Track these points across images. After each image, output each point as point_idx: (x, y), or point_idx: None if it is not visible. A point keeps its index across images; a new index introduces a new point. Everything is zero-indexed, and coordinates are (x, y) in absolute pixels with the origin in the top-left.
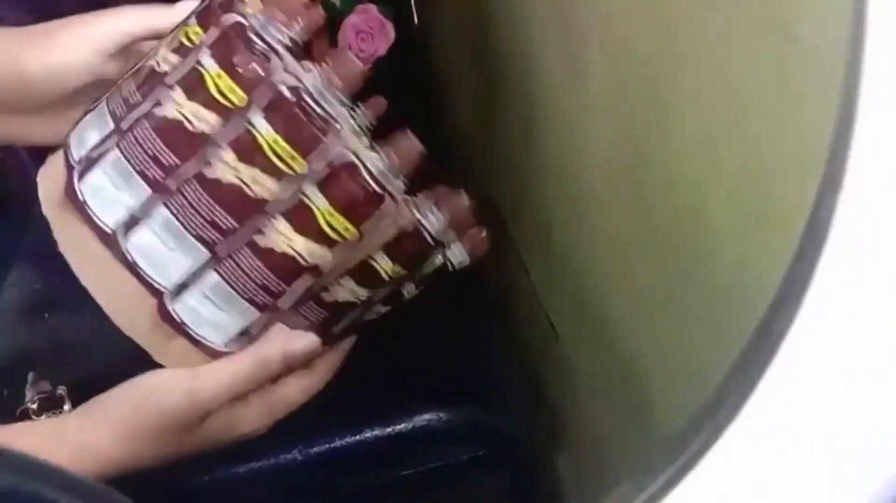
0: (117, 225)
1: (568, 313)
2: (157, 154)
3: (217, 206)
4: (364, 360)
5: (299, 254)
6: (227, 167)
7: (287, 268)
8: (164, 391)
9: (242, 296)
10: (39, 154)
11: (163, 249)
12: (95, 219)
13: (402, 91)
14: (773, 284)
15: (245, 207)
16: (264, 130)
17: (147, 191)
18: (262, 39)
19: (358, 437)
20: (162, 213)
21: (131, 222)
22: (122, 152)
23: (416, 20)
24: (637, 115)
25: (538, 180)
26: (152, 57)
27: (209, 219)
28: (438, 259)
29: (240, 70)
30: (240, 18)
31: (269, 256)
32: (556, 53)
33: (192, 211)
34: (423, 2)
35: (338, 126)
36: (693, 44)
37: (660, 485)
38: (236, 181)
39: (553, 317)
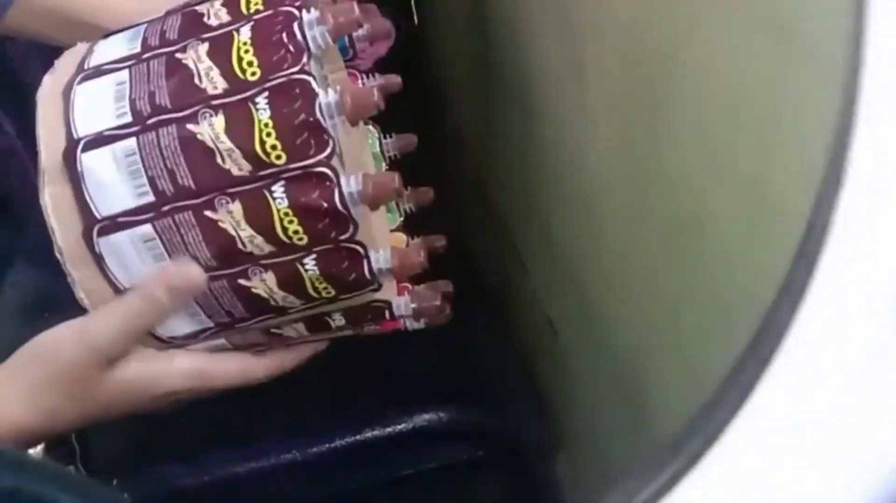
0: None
1: (568, 313)
2: (156, 91)
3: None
4: (364, 361)
5: (241, 241)
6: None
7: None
8: (59, 343)
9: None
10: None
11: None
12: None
13: (403, 91)
14: (773, 284)
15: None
16: (264, 116)
17: (135, 128)
18: (304, 37)
19: (358, 437)
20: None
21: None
22: (129, 77)
23: (416, 20)
24: (637, 115)
25: (538, 180)
26: (206, 5)
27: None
28: (368, 296)
29: (268, 53)
30: (294, 11)
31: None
32: (556, 53)
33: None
34: (423, 2)
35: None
36: (693, 43)
37: (660, 485)
38: (211, 145)
39: (553, 316)
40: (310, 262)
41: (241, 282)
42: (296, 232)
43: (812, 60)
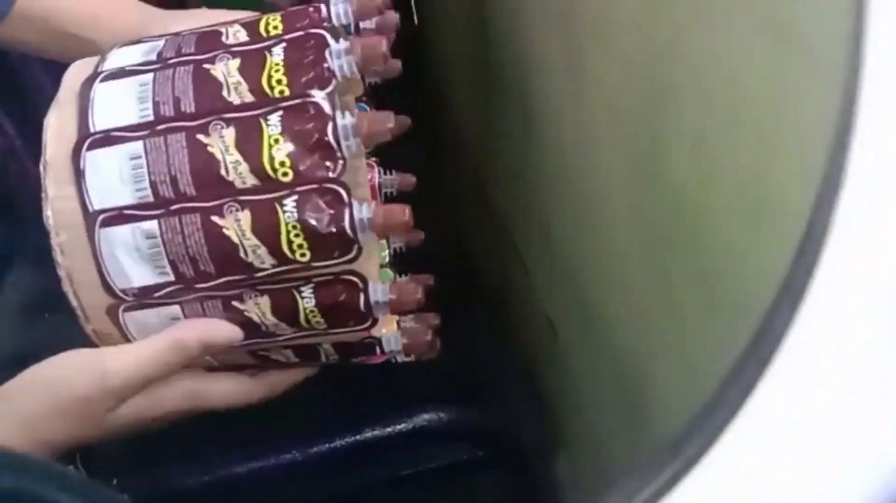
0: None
1: (568, 313)
2: (181, 97)
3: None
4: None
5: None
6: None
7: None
8: (72, 377)
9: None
10: (39, 156)
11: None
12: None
13: (403, 91)
14: (773, 284)
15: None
16: (274, 131)
17: (146, 131)
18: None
19: (358, 437)
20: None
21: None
22: (153, 82)
23: (416, 20)
24: (637, 115)
25: (538, 180)
26: (223, 26)
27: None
28: (361, 334)
29: (299, 74)
30: (326, 34)
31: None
32: (556, 53)
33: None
34: (423, 2)
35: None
36: (693, 43)
37: (660, 485)
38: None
39: (553, 316)
40: (307, 291)
41: (235, 304)
42: (300, 246)
43: (812, 60)
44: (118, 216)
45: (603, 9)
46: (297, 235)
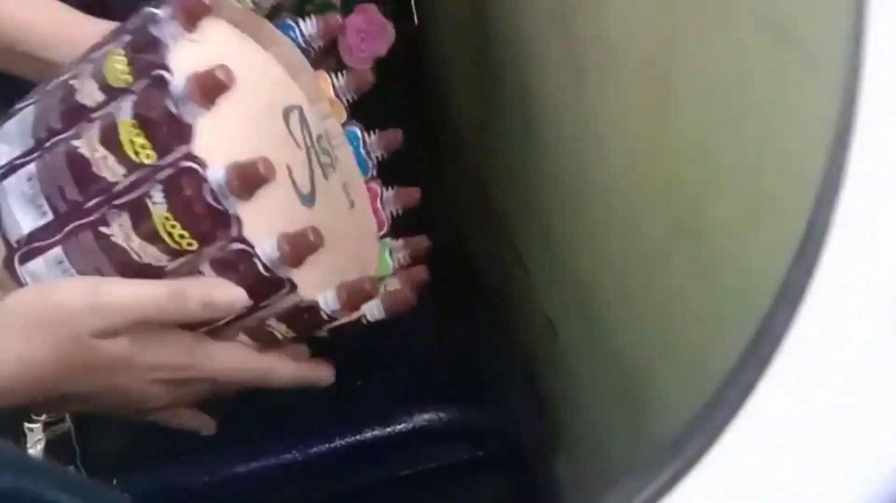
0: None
1: (568, 313)
2: (64, 186)
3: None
4: (363, 361)
5: None
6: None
7: None
8: (62, 287)
9: None
10: None
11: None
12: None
13: (403, 91)
14: (773, 284)
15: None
16: (160, 208)
17: (49, 217)
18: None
19: (358, 437)
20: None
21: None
22: (37, 172)
23: (416, 20)
24: (637, 115)
25: (538, 180)
26: (75, 77)
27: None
28: (291, 299)
29: (156, 134)
30: (166, 75)
31: None
32: (556, 53)
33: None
34: (423, 2)
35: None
36: (693, 44)
37: (660, 485)
38: (124, 246)
39: (553, 316)
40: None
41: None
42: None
43: (812, 60)
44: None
45: (603, 9)
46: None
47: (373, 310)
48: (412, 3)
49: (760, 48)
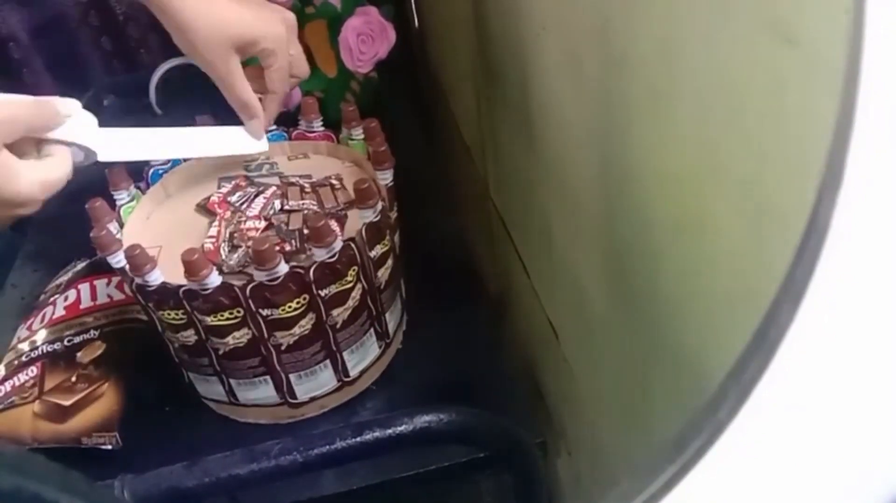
0: None
1: (568, 313)
2: None
3: None
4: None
5: None
6: None
7: None
8: None
9: None
10: None
11: None
12: None
13: (403, 92)
14: (773, 284)
15: None
16: None
17: None
18: None
19: (358, 438)
20: None
21: None
22: None
23: (416, 22)
24: (637, 115)
25: (538, 181)
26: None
27: None
28: None
29: None
30: None
31: None
32: (556, 54)
33: None
34: (423, 2)
35: None
36: (692, 44)
37: (660, 485)
38: None
39: (553, 317)
40: None
41: None
42: None
43: (811, 60)
44: None
45: (602, 9)
46: None
47: None
48: (413, 5)
49: (760, 48)
